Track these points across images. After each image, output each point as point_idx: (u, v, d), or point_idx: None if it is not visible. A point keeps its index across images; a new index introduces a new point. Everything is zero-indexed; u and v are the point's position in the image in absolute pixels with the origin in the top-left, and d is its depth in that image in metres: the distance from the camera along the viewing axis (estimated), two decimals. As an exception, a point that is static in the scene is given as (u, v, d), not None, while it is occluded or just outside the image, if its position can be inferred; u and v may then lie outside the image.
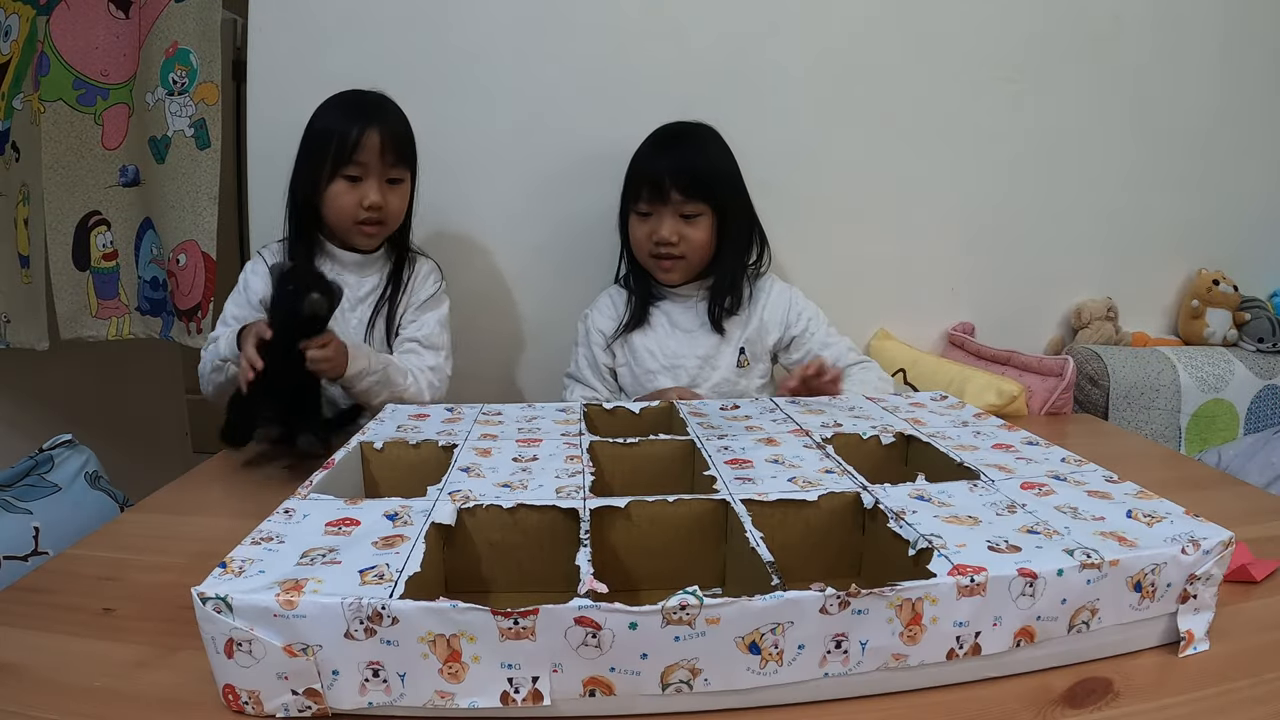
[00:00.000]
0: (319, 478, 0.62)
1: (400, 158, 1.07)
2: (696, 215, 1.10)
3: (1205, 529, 0.52)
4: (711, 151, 1.13)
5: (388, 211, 1.07)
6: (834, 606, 0.43)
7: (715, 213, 1.11)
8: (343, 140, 1.02)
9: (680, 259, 1.12)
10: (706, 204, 1.10)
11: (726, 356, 1.16)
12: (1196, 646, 0.51)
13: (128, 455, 1.38)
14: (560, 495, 0.58)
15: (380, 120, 1.04)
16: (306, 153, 1.06)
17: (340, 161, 1.03)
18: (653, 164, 1.11)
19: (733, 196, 1.13)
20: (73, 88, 1.28)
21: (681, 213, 1.10)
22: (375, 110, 1.06)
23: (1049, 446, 0.71)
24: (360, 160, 1.03)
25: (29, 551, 0.77)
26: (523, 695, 0.43)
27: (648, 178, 1.10)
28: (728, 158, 1.14)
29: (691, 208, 1.09)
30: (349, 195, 1.04)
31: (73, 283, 1.34)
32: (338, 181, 1.04)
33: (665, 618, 0.41)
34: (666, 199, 1.09)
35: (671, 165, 1.09)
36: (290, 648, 0.42)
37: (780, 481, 0.61)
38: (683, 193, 1.08)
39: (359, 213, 1.05)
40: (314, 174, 1.05)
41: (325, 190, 1.04)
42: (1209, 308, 1.52)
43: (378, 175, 1.05)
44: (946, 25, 1.37)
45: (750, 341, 1.17)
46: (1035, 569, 0.46)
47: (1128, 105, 1.46)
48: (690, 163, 1.10)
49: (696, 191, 1.09)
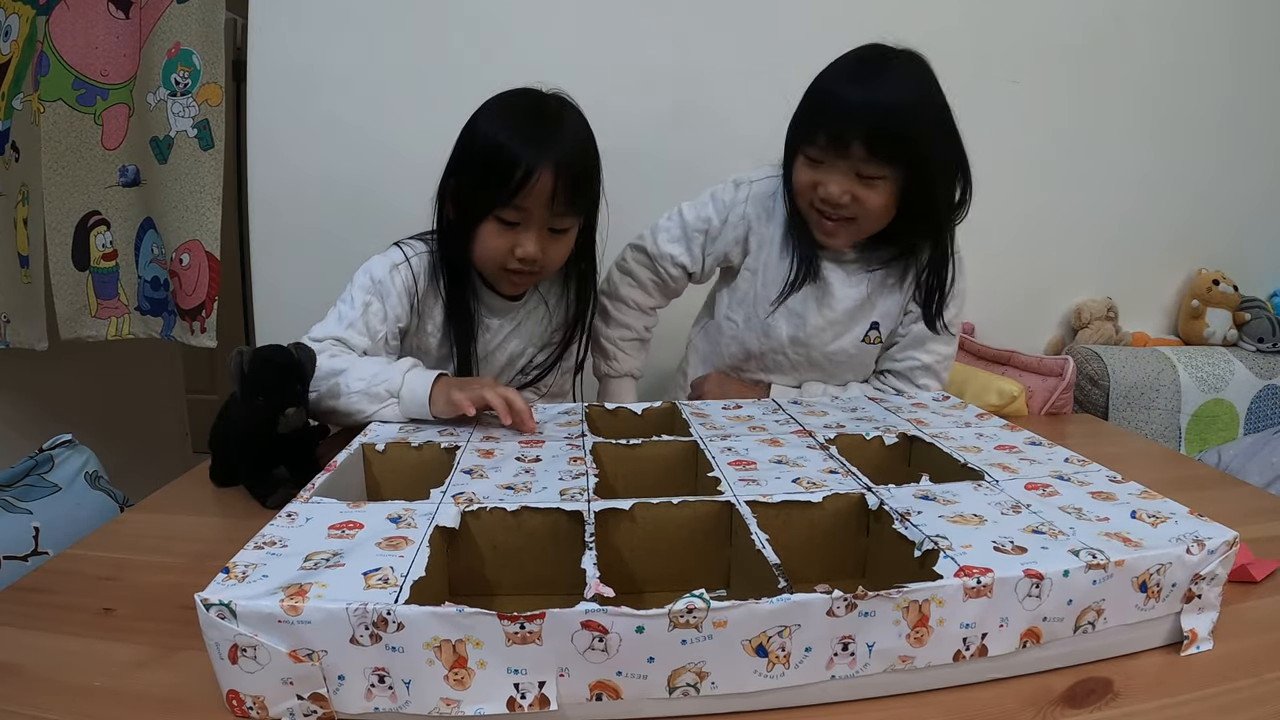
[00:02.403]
0: (321, 480, 0.62)
1: (571, 204, 0.87)
2: (878, 178, 0.88)
3: (1209, 529, 0.52)
4: (914, 96, 0.88)
5: (545, 262, 0.90)
6: (841, 609, 0.43)
7: (901, 177, 0.88)
8: (504, 176, 0.83)
9: (850, 221, 0.92)
10: (892, 167, 0.88)
11: (857, 329, 1.00)
12: (1200, 646, 0.51)
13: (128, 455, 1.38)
14: (564, 497, 0.58)
15: (556, 153, 0.84)
16: (463, 165, 0.89)
17: (498, 201, 0.85)
18: (839, 104, 0.88)
19: (934, 154, 0.88)
20: (72, 88, 1.27)
21: (860, 172, 0.88)
22: (553, 138, 0.85)
23: (1052, 447, 0.71)
24: (522, 206, 0.85)
25: (29, 551, 0.77)
26: (529, 700, 0.42)
27: (828, 120, 0.88)
28: (934, 102, 0.89)
29: (874, 169, 0.87)
30: (500, 240, 0.87)
31: (72, 283, 1.33)
32: (490, 221, 0.87)
33: (672, 621, 0.41)
34: (846, 151, 0.87)
35: (862, 112, 0.86)
36: (295, 653, 0.42)
37: (784, 483, 0.61)
38: (868, 149, 0.86)
39: (509, 260, 0.89)
40: (466, 199, 0.88)
41: (476, 226, 0.88)
42: (1209, 308, 1.53)
43: (540, 224, 0.87)
44: (946, 25, 1.37)
45: (885, 324, 1.00)
46: (1041, 570, 0.46)
47: (1127, 105, 1.46)
48: (885, 112, 0.86)
49: (884, 151, 0.86)
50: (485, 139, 0.86)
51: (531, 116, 0.87)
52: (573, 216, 0.90)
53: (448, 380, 0.83)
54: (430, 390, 0.80)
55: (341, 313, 0.91)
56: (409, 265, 0.93)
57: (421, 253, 0.95)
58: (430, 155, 1.13)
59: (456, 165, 0.90)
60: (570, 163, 0.85)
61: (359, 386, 0.82)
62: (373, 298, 0.91)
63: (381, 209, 1.33)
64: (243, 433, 0.77)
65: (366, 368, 0.84)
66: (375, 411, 0.82)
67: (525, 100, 0.89)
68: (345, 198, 1.36)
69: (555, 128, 0.87)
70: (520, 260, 0.88)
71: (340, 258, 1.13)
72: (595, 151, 0.91)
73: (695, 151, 1.35)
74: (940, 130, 0.89)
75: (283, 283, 1.40)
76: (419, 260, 0.94)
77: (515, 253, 0.88)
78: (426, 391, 0.80)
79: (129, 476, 1.00)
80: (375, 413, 0.82)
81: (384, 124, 1.34)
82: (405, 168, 1.31)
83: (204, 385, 2.32)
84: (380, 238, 1.01)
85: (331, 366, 0.84)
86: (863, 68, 0.89)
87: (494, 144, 0.85)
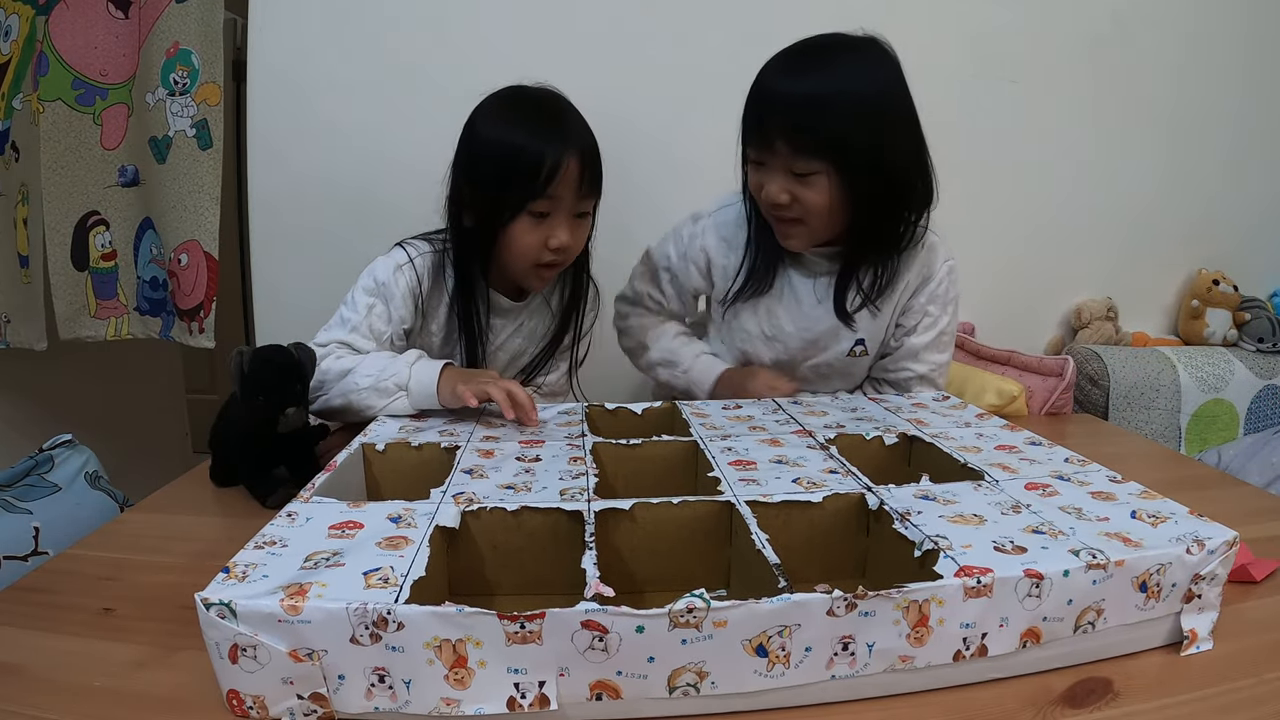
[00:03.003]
0: (321, 480, 0.62)
1: (594, 184, 0.88)
2: (811, 174, 0.83)
3: (1210, 529, 0.52)
4: (839, 87, 0.81)
5: (575, 247, 0.91)
6: (841, 609, 0.43)
7: (840, 170, 0.82)
8: (534, 169, 0.83)
9: (798, 223, 0.87)
10: (823, 161, 0.82)
11: (841, 344, 0.97)
12: (1200, 646, 0.51)
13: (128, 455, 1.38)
14: (564, 497, 0.58)
15: (575, 140, 0.85)
16: (476, 170, 0.88)
17: (530, 195, 0.84)
18: (762, 98, 0.84)
19: (871, 147, 0.81)
20: (72, 88, 1.27)
21: (793, 169, 0.83)
22: (566, 126, 0.86)
23: (1052, 447, 0.71)
24: (554, 194, 0.85)
25: (29, 551, 0.77)
26: (529, 700, 0.42)
27: (752, 115, 0.85)
28: (872, 91, 0.82)
29: (802, 165, 0.83)
30: (533, 234, 0.87)
31: (71, 283, 1.33)
32: (523, 218, 0.86)
33: (672, 621, 0.41)
34: (773, 148, 0.83)
35: (781, 106, 0.82)
36: (295, 653, 0.42)
37: (784, 482, 0.61)
38: (790, 145, 0.82)
39: (543, 254, 0.88)
40: (488, 203, 0.87)
41: (507, 227, 0.87)
42: (1209, 308, 1.53)
43: (569, 210, 0.88)
44: (947, 25, 1.37)
45: (872, 337, 0.97)
46: (1041, 570, 0.46)
47: (1127, 105, 1.46)
48: (806, 105, 0.80)
49: (807, 145, 0.81)
50: (498, 142, 0.86)
51: (537, 112, 0.88)
52: (593, 198, 0.91)
53: (453, 372, 0.83)
54: (437, 381, 0.81)
55: (345, 316, 0.91)
56: (413, 266, 0.93)
57: (425, 253, 0.95)
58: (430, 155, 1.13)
59: (468, 172, 0.90)
60: (587, 146, 0.87)
61: (367, 383, 0.84)
62: (376, 300, 0.92)
63: (381, 209, 1.33)
64: (243, 433, 0.77)
65: (373, 364, 0.85)
66: (385, 406, 0.83)
67: (523, 98, 0.90)
68: (345, 198, 1.36)
69: (563, 117, 0.88)
70: (554, 251, 0.89)
71: (340, 258, 1.14)
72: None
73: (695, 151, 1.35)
74: (878, 121, 0.82)
75: (283, 283, 1.40)
76: (423, 261, 0.94)
77: (549, 244, 0.88)
78: (434, 383, 0.81)
79: (129, 476, 1.00)
80: (385, 407, 0.83)
81: (384, 124, 1.34)
82: (405, 168, 1.31)
83: (204, 385, 2.32)
84: (380, 238, 1.01)
85: (339, 368, 0.86)
86: (790, 61, 0.84)
87: (511, 145, 0.85)
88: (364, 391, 0.83)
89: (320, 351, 0.83)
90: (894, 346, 0.99)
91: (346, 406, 0.85)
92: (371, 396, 0.83)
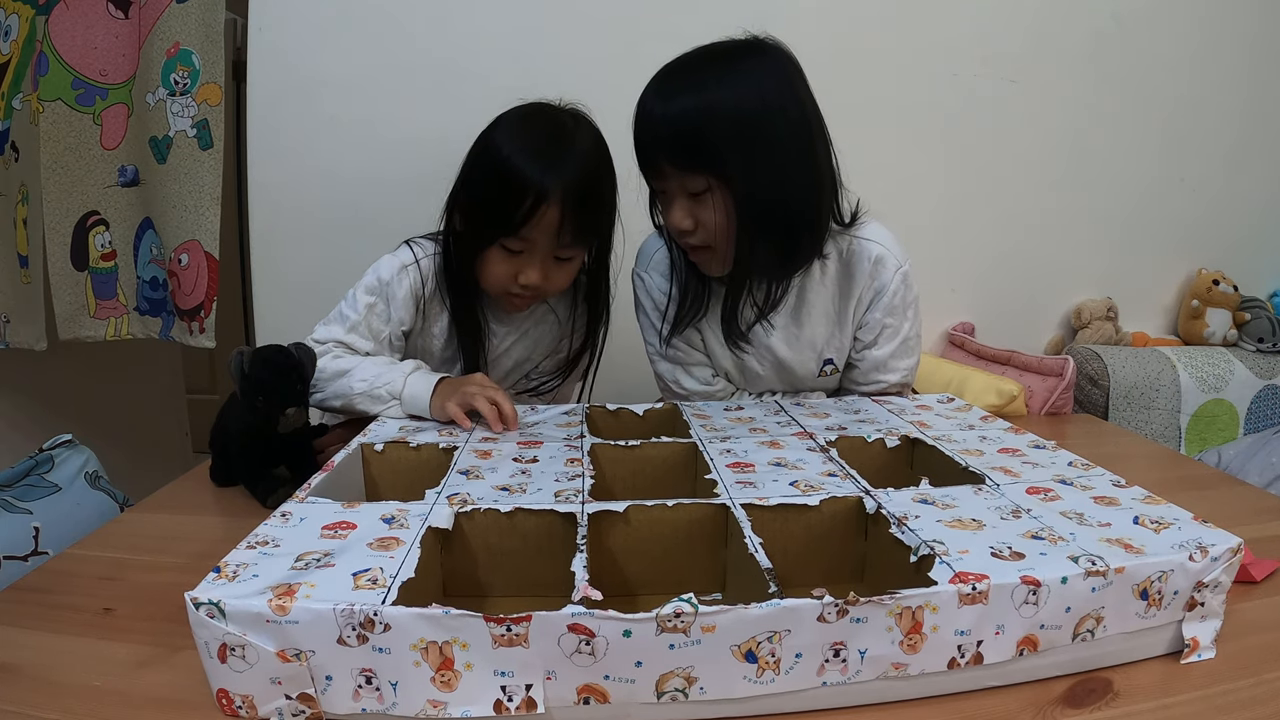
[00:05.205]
0: (318, 480, 0.62)
1: (578, 236, 0.85)
2: (702, 193, 0.81)
3: (1213, 535, 0.51)
4: (718, 99, 0.77)
5: (548, 287, 0.89)
6: (832, 614, 0.43)
7: (727, 184, 0.79)
8: (511, 204, 0.81)
9: (707, 249, 0.85)
10: (708, 176, 0.79)
11: (809, 367, 0.95)
12: (1201, 654, 0.50)
13: (128, 455, 1.38)
14: (559, 499, 0.57)
15: (565, 183, 0.81)
16: (473, 179, 0.87)
17: (502, 231, 0.83)
18: (641, 120, 0.81)
19: (752, 161, 0.78)
20: (71, 87, 1.27)
21: (686, 190, 0.81)
22: (563, 164, 0.82)
23: (1056, 450, 0.70)
24: (527, 237, 0.83)
25: (29, 551, 0.77)
26: (516, 704, 0.42)
27: (637, 142, 0.82)
28: (749, 102, 0.78)
29: (692, 183, 0.80)
30: (503, 267, 0.86)
31: (71, 283, 1.33)
32: (495, 249, 0.86)
33: (660, 625, 0.41)
34: (661, 172, 0.82)
35: (659, 127, 0.79)
36: (283, 653, 0.42)
37: (782, 485, 0.61)
38: (674, 164, 0.80)
39: (511, 285, 0.88)
40: (473, 219, 0.87)
41: (481, 250, 0.87)
42: (1209, 308, 1.52)
43: (544, 253, 0.86)
44: (947, 25, 1.36)
45: (839, 355, 0.94)
46: (1039, 577, 0.46)
47: (1127, 105, 1.45)
48: (680, 122, 0.78)
49: (689, 163, 0.79)
50: (497, 158, 0.84)
51: (544, 139, 0.84)
52: (579, 247, 0.88)
53: (446, 386, 0.83)
54: (430, 396, 0.82)
55: (344, 314, 0.91)
56: (418, 267, 0.92)
57: (431, 254, 0.94)
58: (430, 155, 1.13)
59: (467, 178, 0.89)
60: (579, 193, 0.83)
61: (361, 388, 0.84)
62: (376, 299, 0.92)
63: (382, 209, 1.33)
64: (243, 433, 0.77)
65: (370, 369, 0.85)
66: (380, 412, 0.84)
67: (541, 119, 0.87)
68: (346, 198, 1.36)
69: (567, 152, 0.84)
70: (523, 287, 0.88)
71: (341, 258, 1.14)
72: (608, 174, 0.88)
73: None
74: (755, 132, 0.78)
75: (283, 283, 1.40)
76: (428, 262, 0.94)
77: (518, 279, 0.87)
78: (428, 397, 0.82)
79: (129, 476, 1.00)
80: (379, 413, 0.84)
81: (384, 124, 1.34)
82: (405, 168, 1.31)
83: (204, 385, 2.32)
84: (380, 238, 1.01)
85: (336, 368, 0.86)
86: (663, 81, 0.82)
87: (504, 165, 0.83)
88: (358, 397, 0.85)
89: (318, 349, 0.83)
90: (856, 359, 0.96)
91: (344, 407, 0.87)
92: (365, 402, 0.84)
